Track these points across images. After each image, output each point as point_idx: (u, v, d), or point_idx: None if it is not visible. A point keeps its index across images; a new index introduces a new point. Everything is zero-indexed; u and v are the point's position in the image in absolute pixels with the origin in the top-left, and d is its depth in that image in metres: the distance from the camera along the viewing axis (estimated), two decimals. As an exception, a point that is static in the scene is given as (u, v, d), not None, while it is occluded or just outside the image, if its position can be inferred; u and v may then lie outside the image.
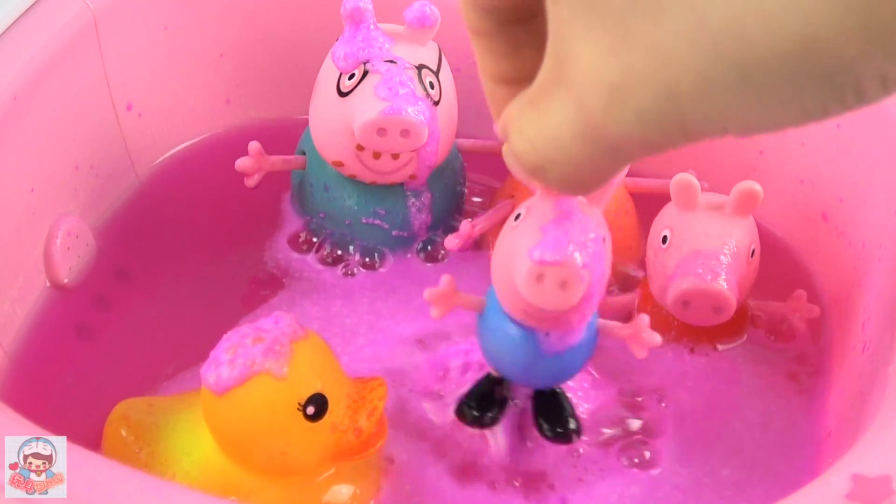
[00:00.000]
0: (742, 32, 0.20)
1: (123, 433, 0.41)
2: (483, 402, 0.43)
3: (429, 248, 0.53)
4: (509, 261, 0.37)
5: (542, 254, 0.34)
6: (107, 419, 0.42)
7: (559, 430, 0.42)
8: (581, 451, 0.44)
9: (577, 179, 0.26)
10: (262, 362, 0.37)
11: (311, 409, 0.37)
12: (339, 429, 0.38)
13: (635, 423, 0.45)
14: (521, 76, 0.28)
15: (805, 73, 0.20)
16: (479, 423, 0.43)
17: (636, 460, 0.44)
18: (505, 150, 0.28)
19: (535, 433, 0.43)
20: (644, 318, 0.40)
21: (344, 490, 0.40)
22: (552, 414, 0.42)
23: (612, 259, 0.38)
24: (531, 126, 0.26)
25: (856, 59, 0.19)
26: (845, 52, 0.19)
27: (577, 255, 0.35)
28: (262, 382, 0.37)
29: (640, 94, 0.22)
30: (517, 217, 0.37)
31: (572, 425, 0.42)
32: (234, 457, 0.39)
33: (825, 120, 0.21)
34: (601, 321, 0.41)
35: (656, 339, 0.40)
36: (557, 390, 0.43)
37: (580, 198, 0.36)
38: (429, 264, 0.52)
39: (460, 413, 0.43)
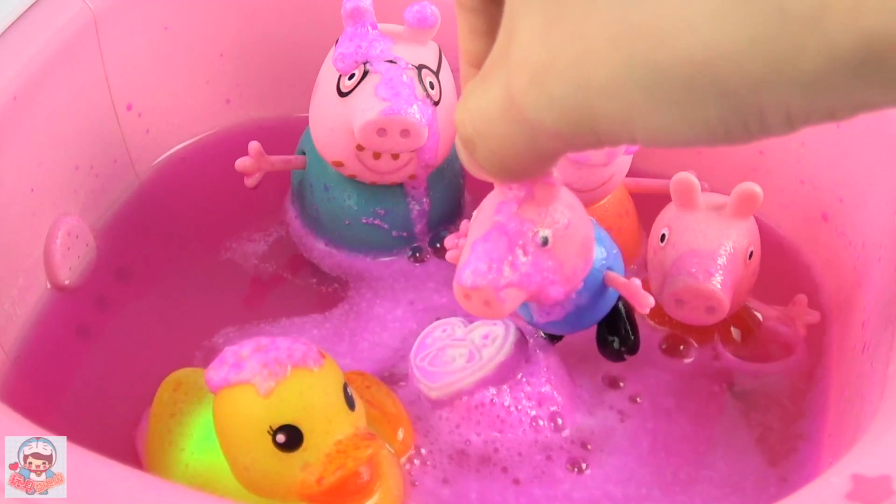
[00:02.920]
0: (658, 34, 0.20)
1: (167, 395, 0.42)
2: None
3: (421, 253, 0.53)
4: None
5: (463, 278, 0.36)
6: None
7: (614, 346, 0.44)
8: (569, 445, 0.44)
9: (501, 162, 0.27)
10: (250, 372, 0.36)
11: (280, 438, 0.36)
12: (308, 470, 0.37)
13: (631, 421, 0.45)
14: None
15: (709, 86, 0.20)
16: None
17: (633, 454, 0.44)
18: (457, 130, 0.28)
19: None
20: (636, 281, 0.41)
21: None
22: (611, 329, 0.44)
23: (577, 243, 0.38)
24: (473, 97, 0.26)
25: (758, 83, 0.20)
26: (749, 74, 0.20)
27: (503, 272, 0.36)
28: (244, 392, 0.36)
29: (555, 81, 0.22)
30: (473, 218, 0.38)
31: (619, 344, 0.44)
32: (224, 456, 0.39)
33: (733, 144, 0.21)
34: (609, 274, 0.42)
35: (649, 301, 0.41)
36: (619, 307, 0.44)
37: (528, 194, 0.36)
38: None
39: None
